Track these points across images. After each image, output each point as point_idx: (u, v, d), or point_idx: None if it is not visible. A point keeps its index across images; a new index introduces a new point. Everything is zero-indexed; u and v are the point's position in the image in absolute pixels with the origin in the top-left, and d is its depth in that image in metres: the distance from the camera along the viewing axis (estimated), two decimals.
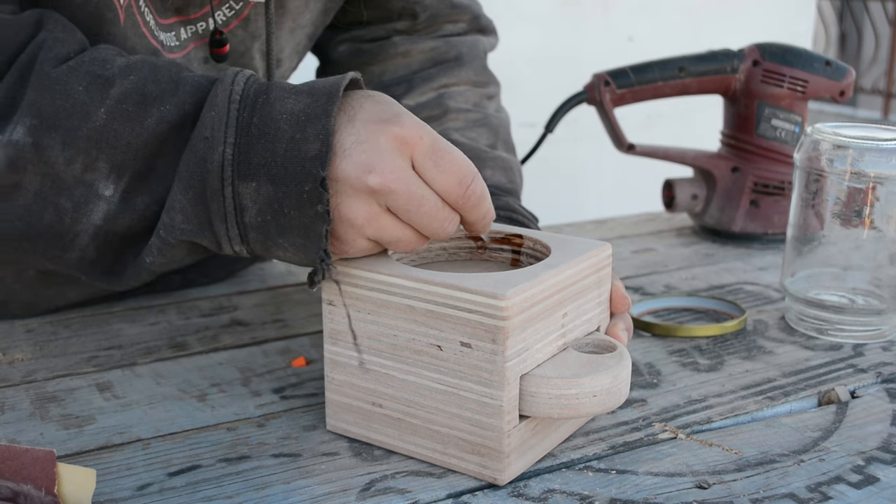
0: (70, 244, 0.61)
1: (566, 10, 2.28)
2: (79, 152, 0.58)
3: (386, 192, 0.55)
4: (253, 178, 0.56)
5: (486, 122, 0.88)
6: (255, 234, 0.58)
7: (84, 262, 0.63)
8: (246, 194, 0.57)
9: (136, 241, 0.62)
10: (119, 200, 0.60)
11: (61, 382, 0.71)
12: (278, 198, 0.56)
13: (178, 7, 0.73)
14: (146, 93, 0.59)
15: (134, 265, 0.63)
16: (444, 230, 0.58)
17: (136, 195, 0.60)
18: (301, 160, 0.55)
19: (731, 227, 1.08)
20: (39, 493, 0.49)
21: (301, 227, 0.56)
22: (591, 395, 0.56)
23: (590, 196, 2.38)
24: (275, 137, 0.56)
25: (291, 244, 0.58)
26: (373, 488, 0.56)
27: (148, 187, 0.59)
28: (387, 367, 0.58)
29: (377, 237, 0.57)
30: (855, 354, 0.76)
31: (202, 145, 0.57)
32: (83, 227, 0.60)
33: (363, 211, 0.56)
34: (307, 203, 0.55)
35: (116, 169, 0.59)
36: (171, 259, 0.62)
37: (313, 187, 0.55)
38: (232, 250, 0.60)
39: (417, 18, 0.90)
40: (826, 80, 1.06)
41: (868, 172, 0.78)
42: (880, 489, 0.56)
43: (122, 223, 0.60)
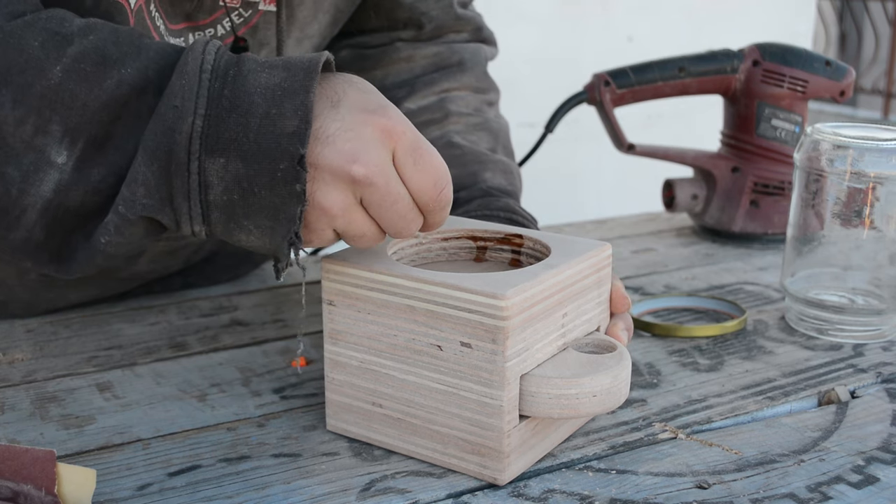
0: (16, 222, 0.57)
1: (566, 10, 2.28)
2: (30, 111, 0.54)
3: (366, 184, 0.54)
4: (221, 154, 0.53)
5: (487, 127, 0.89)
6: (217, 214, 0.55)
7: (30, 243, 0.58)
8: (212, 171, 0.54)
9: (88, 219, 0.57)
10: (72, 169, 0.55)
11: (61, 382, 0.71)
12: (248, 175, 0.53)
13: (187, 13, 0.73)
14: (106, 54, 0.55)
15: (86, 248, 0.58)
16: (408, 230, 0.57)
17: (90, 165, 0.55)
18: (276, 136, 0.53)
19: (731, 227, 1.08)
20: (39, 493, 0.49)
21: (271, 207, 0.54)
22: (591, 395, 0.56)
23: (590, 196, 2.38)
24: (248, 112, 0.53)
25: (257, 226, 0.55)
26: (373, 488, 0.56)
27: (104, 157, 0.55)
28: (387, 367, 0.58)
29: (344, 230, 0.56)
30: (855, 354, 0.76)
31: (171, 114, 0.53)
32: (31, 200, 0.55)
33: (339, 200, 0.54)
34: (281, 182, 0.53)
35: (70, 133, 0.55)
36: (128, 239, 0.57)
37: (289, 166, 0.52)
38: (191, 230, 0.56)
39: (423, 29, 0.91)
40: (826, 80, 1.06)
41: (868, 172, 0.78)
42: (880, 489, 0.56)
43: (75, 196, 0.56)
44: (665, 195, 1.12)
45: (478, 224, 0.68)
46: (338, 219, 0.55)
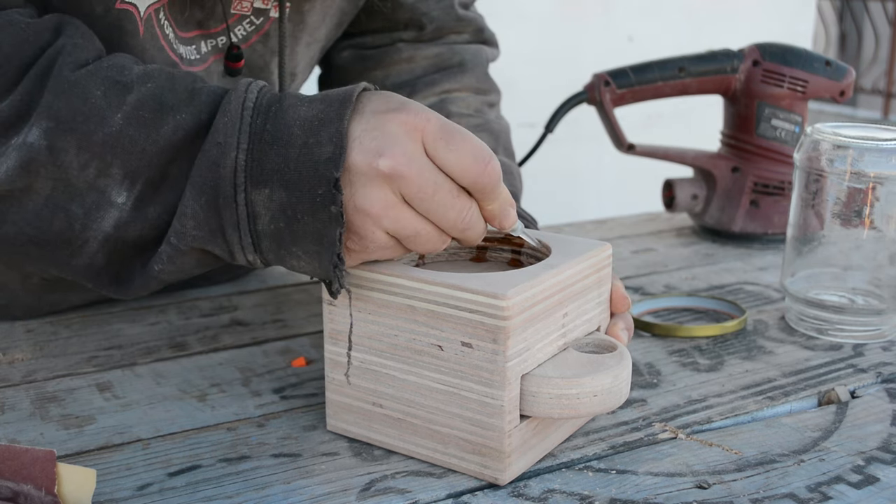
0: (79, 251, 0.60)
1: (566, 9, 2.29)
2: (93, 157, 0.58)
3: (397, 176, 0.54)
4: (266, 185, 0.56)
5: (488, 128, 0.89)
6: (268, 243, 0.57)
7: (92, 269, 0.62)
8: (259, 201, 0.56)
9: (145, 250, 0.61)
10: (131, 208, 0.59)
11: (61, 382, 0.71)
12: (291, 203, 0.55)
13: (198, 20, 0.73)
14: (163, 101, 0.58)
15: (142, 274, 0.62)
16: (462, 220, 0.56)
17: (148, 203, 0.59)
18: (314, 163, 0.54)
19: (731, 227, 1.08)
20: (39, 493, 0.49)
21: (314, 232, 0.55)
22: (591, 394, 0.56)
23: (590, 196, 2.38)
24: (288, 143, 0.55)
25: (305, 252, 0.56)
26: (373, 488, 0.56)
27: (161, 196, 0.59)
28: (387, 367, 0.58)
29: (395, 230, 0.56)
30: (855, 354, 0.76)
31: (215, 151, 0.56)
32: (93, 233, 0.59)
33: (378, 199, 0.55)
34: (321, 206, 0.54)
35: (130, 175, 0.58)
36: (180, 268, 0.61)
37: (327, 190, 0.54)
38: (245, 259, 0.59)
39: (423, 30, 0.91)
40: (826, 80, 1.06)
41: (868, 172, 0.78)
42: (880, 489, 0.56)
43: (133, 231, 0.59)
44: (665, 195, 1.12)
45: None
46: (382, 219, 0.55)
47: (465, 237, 0.58)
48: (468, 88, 0.91)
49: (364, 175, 0.55)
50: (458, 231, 0.57)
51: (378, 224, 0.55)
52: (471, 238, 0.58)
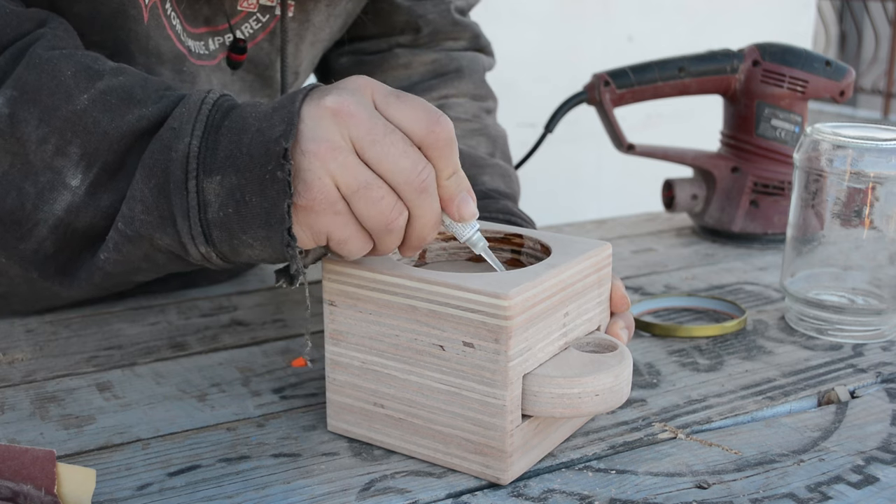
0: (28, 234, 0.60)
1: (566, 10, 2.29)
2: (53, 132, 0.57)
3: (346, 114, 0.52)
4: (218, 172, 0.55)
5: (485, 132, 0.89)
6: (218, 233, 0.56)
7: (39, 255, 0.61)
8: (210, 189, 0.55)
9: (94, 241, 0.60)
10: (84, 193, 0.58)
11: (61, 382, 0.71)
12: (241, 185, 0.54)
13: (206, 17, 0.73)
14: (132, 94, 0.58)
15: (89, 265, 0.61)
16: (418, 175, 0.53)
17: (102, 190, 0.58)
18: (265, 143, 0.53)
19: (731, 227, 1.08)
20: (39, 493, 0.49)
21: (263, 213, 0.54)
22: (593, 394, 0.56)
23: (590, 196, 2.38)
24: (241, 130, 0.55)
25: (255, 238, 0.55)
26: (372, 488, 0.56)
27: (115, 184, 0.58)
28: (388, 368, 0.58)
29: (344, 181, 0.53)
30: (855, 354, 0.76)
31: (168, 135, 0.56)
32: (44, 216, 0.59)
33: (325, 138, 0.52)
34: (269, 183, 0.53)
35: (87, 157, 0.57)
36: (126, 257, 0.59)
37: (276, 164, 0.53)
38: (198, 252, 0.57)
39: (420, 32, 0.91)
40: (826, 80, 1.06)
41: (868, 172, 0.78)
42: (880, 489, 0.56)
43: (84, 219, 0.59)
44: (665, 195, 1.12)
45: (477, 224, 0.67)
46: (329, 161, 0.52)
47: (420, 213, 0.55)
48: (466, 94, 0.91)
49: (311, 118, 0.53)
50: (414, 191, 0.53)
51: (325, 167, 0.52)
52: (426, 224, 0.55)
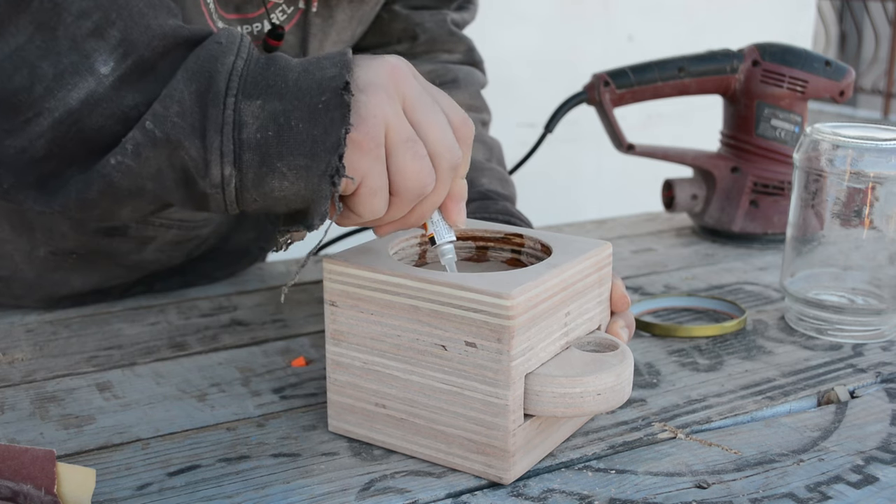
0: (22, 126, 0.52)
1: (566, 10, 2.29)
2: (98, 7, 0.52)
3: (401, 74, 0.54)
4: (258, 97, 0.52)
5: (482, 139, 0.91)
6: (250, 155, 0.52)
7: (24, 156, 0.53)
8: (248, 111, 0.52)
9: (94, 153, 0.53)
10: (110, 85, 0.52)
11: (61, 382, 0.71)
12: (286, 110, 0.52)
13: (237, 4, 0.73)
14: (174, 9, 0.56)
15: (83, 179, 0.53)
16: (455, 152, 0.55)
17: (128, 87, 0.53)
18: (317, 80, 0.53)
19: (731, 227, 1.08)
20: (39, 492, 0.49)
21: (308, 141, 0.52)
22: (595, 393, 0.56)
23: (590, 196, 2.38)
24: (285, 68, 0.53)
25: (291, 168, 0.52)
26: (372, 488, 0.56)
27: (143, 85, 0.53)
28: (390, 368, 0.58)
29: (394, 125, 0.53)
30: (854, 354, 0.76)
31: (215, 48, 0.53)
32: (53, 104, 0.52)
33: (381, 85, 0.53)
34: (322, 112, 0.52)
35: (125, 45, 0.52)
36: (140, 167, 0.53)
37: (333, 95, 0.52)
38: (219, 174, 0.53)
39: (417, 40, 0.92)
40: (826, 80, 1.06)
41: (867, 172, 0.78)
42: (880, 489, 0.56)
43: (99, 115, 0.52)
44: (665, 195, 1.12)
45: (478, 224, 0.68)
46: (385, 104, 0.53)
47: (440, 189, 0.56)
48: (462, 105, 0.92)
49: (367, 68, 0.54)
50: (448, 165, 0.55)
51: (381, 108, 0.53)
52: (435, 202, 0.57)
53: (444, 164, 0.55)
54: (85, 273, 0.86)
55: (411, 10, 0.93)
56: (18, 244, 0.82)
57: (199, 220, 0.89)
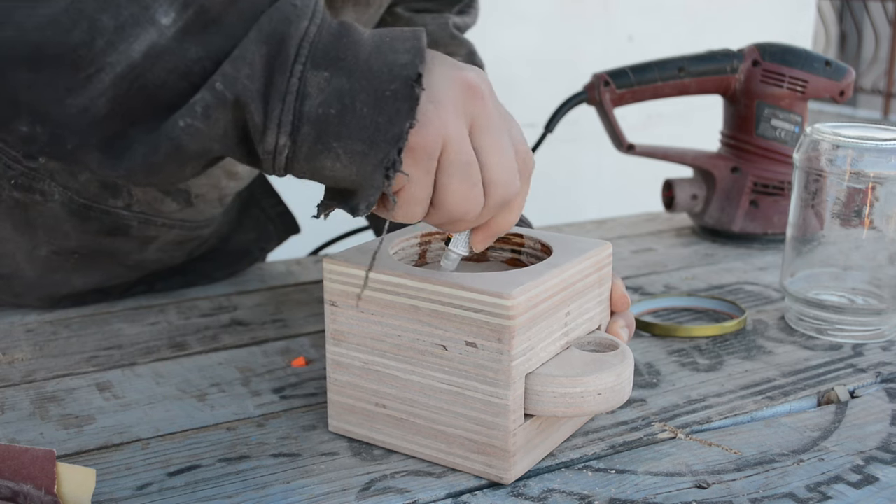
0: (83, 84, 0.49)
1: (566, 10, 2.29)
2: None
3: (477, 94, 0.52)
4: (326, 69, 0.50)
5: None
6: (308, 129, 0.50)
7: (86, 117, 0.50)
8: (313, 82, 0.50)
9: (156, 110, 0.51)
10: (172, 36, 0.49)
11: (61, 382, 0.71)
12: (352, 91, 0.50)
13: None
14: None
15: (149, 140, 0.51)
16: (513, 186, 0.54)
17: (191, 39, 0.50)
18: (389, 64, 0.50)
19: (731, 227, 1.08)
20: (39, 492, 0.49)
21: (371, 128, 0.50)
22: (595, 393, 0.56)
23: (590, 196, 2.38)
24: (357, 42, 0.51)
25: (347, 151, 0.51)
26: (372, 488, 0.56)
27: (206, 37, 0.50)
28: (390, 368, 0.58)
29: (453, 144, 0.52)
30: (854, 354, 0.76)
31: (290, 10, 0.50)
32: (115, 58, 0.49)
33: (451, 99, 0.52)
34: (389, 100, 0.50)
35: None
36: (210, 129, 0.51)
37: (402, 85, 0.50)
38: (273, 143, 0.51)
39: None
40: (826, 80, 1.06)
41: (867, 172, 0.78)
42: (880, 489, 0.56)
43: (162, 69, 0.50)
44: (665, 195, 1.12)
45: None
46: (450, 120, 0.52)
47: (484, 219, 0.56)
48: None
49: (442, 76, 0.52)
50: (500, 198, 0.54)
51: (444, 121, 0.51)
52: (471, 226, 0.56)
53: (496, 194, 0.54)
54: (86, 273, 0.86)
55: (413, 13, 0.93)
56: (20, 243, 0.82)
57: (201, 220, 0.89)
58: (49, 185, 0.79)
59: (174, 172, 0.53)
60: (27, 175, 0.77)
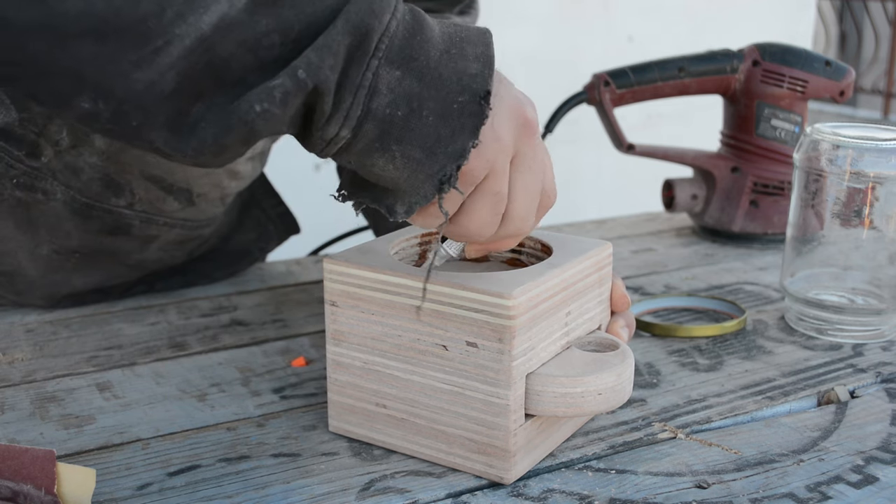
0: (151, 57, 0.46)
1: (566, 10, 2.29)
2: None
3: (529, 133, 0.53)
4: (399, 67, 0.49)
5: None
6: (371, 126, 0.49)
7: (153, 92, 0.47)
8: (385, 79, 0.49)
9: (222, 86, 0.48)
10: (243, 7, 0.47)
11: (61, 382, 0.71)
12: (422, 96, 0.50)
13: None
14: None
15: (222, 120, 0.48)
16: (527, 226, 0.56)
17: (262, 11, 0.47)
18: (458, 72, 0.50)
19: (731, 227, 1.08)
20: (39, 492, 0.49)
21: (433, 137, 0.50)
22: (596, 393, 0.56)
23: (590, 196, 2.38)
24: (429, 41, 0.50)
25: (405, 156, 0.50)
26: (372, 488, 0.56)
27: (277, 10, 0.48)
28: (391, 368, 0.58)
29: (494, 177, 0.53)
30: (854, 354, 0.76)
31: (377, 2, 0.49)
32: (184, 30, 0.46)
33: (510, 135, 0.52)
34: (457, 113, 0.50)
35: None
36: (283, 115, 0.49)
37: (470, 100, 0.50)
38: (334, 133, 0.50)
39: None
40: (826, 80, 1.06)
41: (867, 172, 0.78)
42: (880, 489, 0.56)
43: (232, 41, 0.47)
44: (665, 195, 1.12)
45: None
46: (498, 153, 0.52)
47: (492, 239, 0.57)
48: None
49: (510, 109, 0.52)
50: (514, 233, 0.56)
51: (489, 153, 0.51)
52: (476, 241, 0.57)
53: (511, 227, 0.56)
54: (87, 272, 0.86)
55: None
56: (22, 242, 0.82)
57: (203, 219, 0.89)
58: (51, 184, 0.79)
59: (238, 151, 0.51)
60: (29, 174, 0.77)
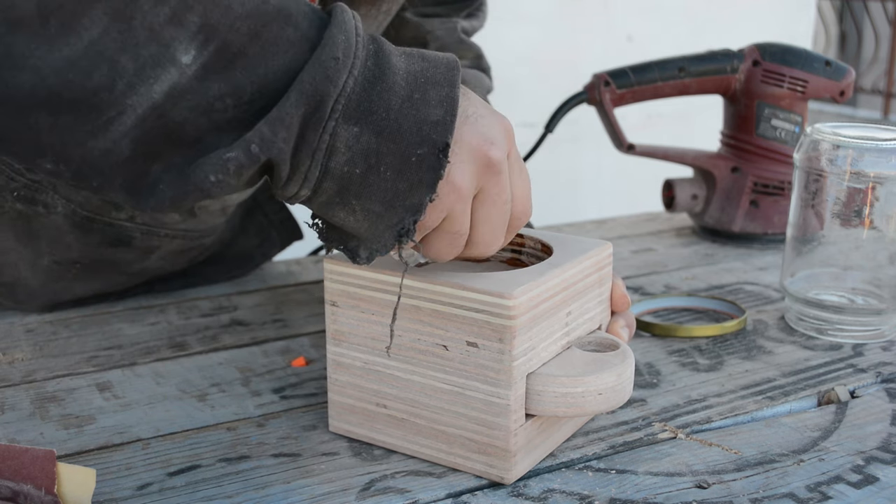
0: (106, 127, 0.48)
1: (566, 10, 2.28)
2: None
3: (496, 171, 0.53)
4: (357, 123, 0.50)
5: None
6: (329, 184, 0.51)
7: (109, 159, 0.49)
8: (342, 137, 0.50)
9: (177, 147, 0.49)
10: (193, 74, 0.48)
11: (61, 382, 0.71)
12: (379, 152, 0.50)
13: None
14: None
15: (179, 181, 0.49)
16: (496, 240, 0.56)
17: (213, 77, 0.48)
18: (419, 122, 0.50)
19: (731, 227, 1.08)
20: (39, 492, 0.49)
21: (390, 192, 0.51)
22: (596, 392, 0.56)
23: (590, 196, 2.38)
24: (390, 89, 0.50)
25: (364, 210, 0.51)
26: (372, 488, 0.56)
27: (229, 73, 0.48)
28: (391, 368, 0.58)
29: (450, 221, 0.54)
30: (855, 354, 0.76)
31: (332, 65, 0.49)
32: (136, 100, 0.47)
33: (468, 182, 0.52)
34: (414, 167, 0.50)
35: (206, 30, 0.47)
36: (237, 184, 0.50)
37: (429, 152, 0.50)
38: (294, 191, 0.51)
39: (427, 47, 0.92)
40: (826, 80, 1.06)
41: (868, 172, 0.78)
42: (880, 489, 0.56)
43: (184, 107, 0.48)
44: (665, 195, 1.12)
45: None
46: (456, 202, 0.52)
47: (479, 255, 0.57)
48: None
49: (471, 153, 0.52)
50: (482, 245, 0.56)
51: (456, 203, 0.52)
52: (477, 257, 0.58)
53: (474, 252, 0.56)
54: (87, 281, 0.86)
55: (422, 17, 0.93)
56: (23, 253, 0.81)
57: (204, 229, 0.89)
58: (52, 197, 0.79)
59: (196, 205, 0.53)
60: (30, 187, 0.77)
